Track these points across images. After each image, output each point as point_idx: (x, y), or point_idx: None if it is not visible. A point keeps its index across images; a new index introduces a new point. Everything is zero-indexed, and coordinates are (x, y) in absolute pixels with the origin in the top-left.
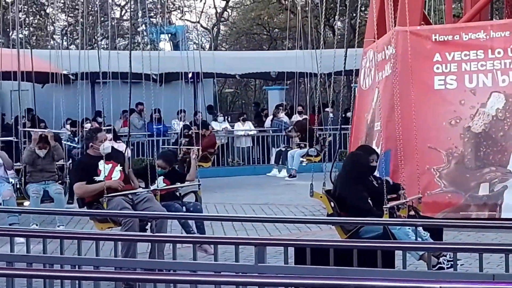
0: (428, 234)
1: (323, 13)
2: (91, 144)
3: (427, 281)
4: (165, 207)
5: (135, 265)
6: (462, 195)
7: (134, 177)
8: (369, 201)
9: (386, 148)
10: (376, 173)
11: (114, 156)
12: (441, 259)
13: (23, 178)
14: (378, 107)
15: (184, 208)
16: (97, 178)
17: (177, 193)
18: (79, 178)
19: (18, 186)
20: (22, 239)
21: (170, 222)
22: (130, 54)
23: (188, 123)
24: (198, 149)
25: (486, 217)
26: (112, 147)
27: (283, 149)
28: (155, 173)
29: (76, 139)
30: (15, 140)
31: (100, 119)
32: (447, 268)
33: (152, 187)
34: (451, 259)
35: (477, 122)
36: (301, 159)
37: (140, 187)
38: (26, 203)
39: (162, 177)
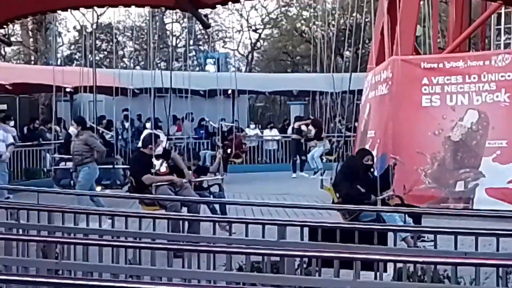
0: (412, 220)
1: (334, 44)
2: (150, 146)
3: (414, 256)
4: (198, 195)
5: (182, 238)
6: (442, 190)
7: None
8: (362, 190)
9: (382, 152)
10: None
11: (163, 154)
12: (418, 243)
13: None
14: (370, 118)
15: (211, 196)
16: (152, 170)
17: (203, 185)
18: (143, 170)
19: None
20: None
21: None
22: (171, 73)
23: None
24: (225, 150)
25: (461, 208)
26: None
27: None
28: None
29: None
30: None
31: (159, 124)
32: None
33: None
34: (428, 241)
35: (455, 133)
36: (322, 157)
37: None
38: (98, 188)
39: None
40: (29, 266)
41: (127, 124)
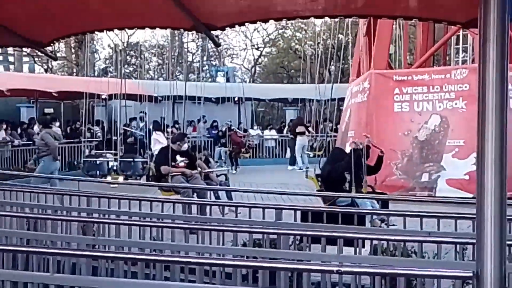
0: (379, 204)
1: (320, 60)
2: (178, 143)
3: (387, 234)
4: (206, 184)
5: (196, 219)
6: (410, 180)
7: (203, 163)
8: (346, 176)
9: None
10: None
11: (185, 152)
12: (382, 225)
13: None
14: (350, 121)
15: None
16: (173, 163)
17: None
18: (164, 162)
19: (115, 168)
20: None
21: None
22: (186, 84)
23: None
24: (236, 147)
25: (426, 195)
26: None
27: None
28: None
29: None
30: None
31: (177, 125)
32: None
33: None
34: (391, 224)
35: (421, 134)
36: (307, 152)
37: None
38: (120, 178)
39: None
40: (71, 242)
41: (141, 124)
